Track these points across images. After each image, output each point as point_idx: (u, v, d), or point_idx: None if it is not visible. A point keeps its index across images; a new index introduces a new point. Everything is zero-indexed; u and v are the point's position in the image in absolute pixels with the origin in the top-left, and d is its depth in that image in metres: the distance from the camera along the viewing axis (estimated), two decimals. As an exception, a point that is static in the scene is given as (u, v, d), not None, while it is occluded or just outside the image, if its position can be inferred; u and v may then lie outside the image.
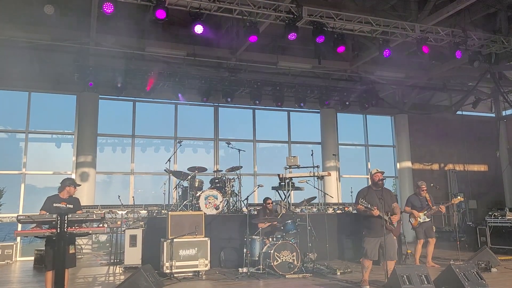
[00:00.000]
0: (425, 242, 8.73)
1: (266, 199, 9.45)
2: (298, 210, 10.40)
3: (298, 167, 10.91)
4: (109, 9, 7.96)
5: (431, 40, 10.45)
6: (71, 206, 6.00)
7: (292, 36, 9.13)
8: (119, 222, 9.95)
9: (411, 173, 15.73)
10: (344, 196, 14.08)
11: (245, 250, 8.26)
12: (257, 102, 13.12)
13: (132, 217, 10.69)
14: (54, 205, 5.89)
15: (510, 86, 14.77)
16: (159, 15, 8.07)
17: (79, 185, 6.41)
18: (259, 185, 10.20)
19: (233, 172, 10.55)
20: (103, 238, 11.94)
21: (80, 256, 10.78)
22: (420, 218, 8.64)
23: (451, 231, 14.34)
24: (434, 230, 8.90)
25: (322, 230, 9.21)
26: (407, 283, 5.72)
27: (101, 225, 5.68)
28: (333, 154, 14.01)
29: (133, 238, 8.82)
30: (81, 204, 6.38)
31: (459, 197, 9.41)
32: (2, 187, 13.11)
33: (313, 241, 8.66)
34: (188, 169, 10.02)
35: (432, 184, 10.59)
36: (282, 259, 7.84)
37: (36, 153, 12.56)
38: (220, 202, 9.51)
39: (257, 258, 8.20)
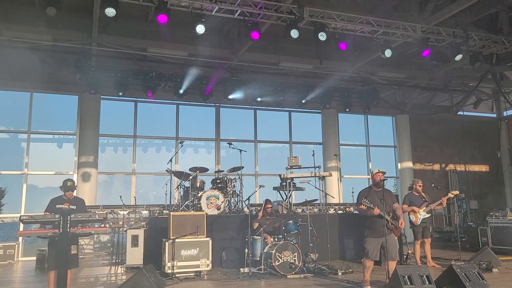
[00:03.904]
0: (421, 243, 8.76)
1: (266, 201, 9.36)
2: (299, 210, 10.41)
3: (299, 167, 10.93)
4: (112, 13, 7.99)
5: (432, 41, 10.46)
6: (74, 207, 6.02)
7: (293, 33, 9.09)
8: (120, 222, 9.98)
9: (412, 173, 15.71)
10: (345, 197, 14.09)
11: (246, 250, 8.27)
12: (258, 102, 13.18)
13: (133, 217, 10.72)
14: (57, 206, 5.92)
15: (511, 87, 14.77)
16: (160, 19, 8.10)
17: (74, 187, 6.26)
18: (260, 186, 10.21)
19: (235, 173, 10.57)
20: (104, 238, 11.95)
21: (82, 256, 10.80)
22: (420, 214, 8.65)
23: (452, 231, 14.34)
24: (430, 231, 8.92)
25: (323, 231, 9.23)
26: (409, 283, 5.72)
27: (103, 225, 5.69)
28: (334, 155, 14.02)
29: (134, 238, 8.84)
30: (83, 205, 6.38)
31: (455, 191, 9.42)
32: (4, 187, 13.14)
33: (314, 242, 8.66)
34: (190, 169, 10.05)
35: (433, 184, 10.58)
36: (283, 259, 7.85)
37: (38, 153, 12.58)
38: (222, 202, 9.52)
39: (258, 258, 8.21)
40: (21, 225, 8.81)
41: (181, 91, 12.20)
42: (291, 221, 8.65)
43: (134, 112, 13.49)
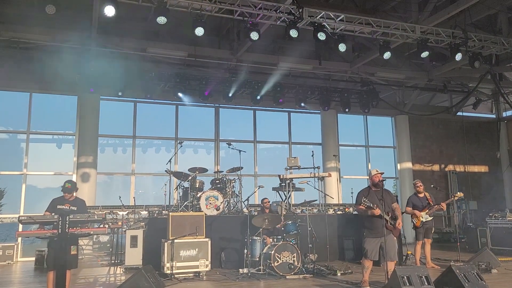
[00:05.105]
0: (422, 244, 8.75)
1: (262, 199, 9.51)
2: (298, 211, 10.40)
3: (299, 168, 10.92)
4: (111, 12, 7.97)
5: (432, 42, 10.47)
6: (75, 208, 5.98)
7: (293, 33, 9.07)
8: (120, 223, 9.97)
9: (412, 174, 15.72)
10: (345, 197, 14.10)
11: (245, 251, 8.27)
12: (258, 102, 13.19)
13: (133, 218, 10.71)
14: (58, 207, 5.90)
15: (511, 87, 14.78)
16: (159, 21, 8.11)
17: (73, 189, 6.21)
18: (259, 186, 10.22)
19: (234, 173, 10.57)
20: (104, 238, 11.94)
21: (81, 257, 10.80)
22: (422, 218, 8.63)
23: (452, 232, 14.35)
24: (432, 232, 8.91)
25: (322, 231, 9.23)
26: (408, 284, 5.72)
27: (102, 225, 5.69)
28: (334, 155, 14.01)
29: (134, 238, 8.84)
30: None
31: (459, 193, 9.41)
32: (3, 188, 13.12)
33: (313, 242, 8.65)
34: (189, 169, 10.04)
35: (432, 185, 10.60)
36: (282, 260, 7.85)
37: (37, 153, 12.57)
38: (221, 202, 9.52)
39: (257, 259, 8.21)
40: (20, 225, 8.80)
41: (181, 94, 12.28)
42: (290, 222, 8.65)
43: (134, 112, 13.49)
